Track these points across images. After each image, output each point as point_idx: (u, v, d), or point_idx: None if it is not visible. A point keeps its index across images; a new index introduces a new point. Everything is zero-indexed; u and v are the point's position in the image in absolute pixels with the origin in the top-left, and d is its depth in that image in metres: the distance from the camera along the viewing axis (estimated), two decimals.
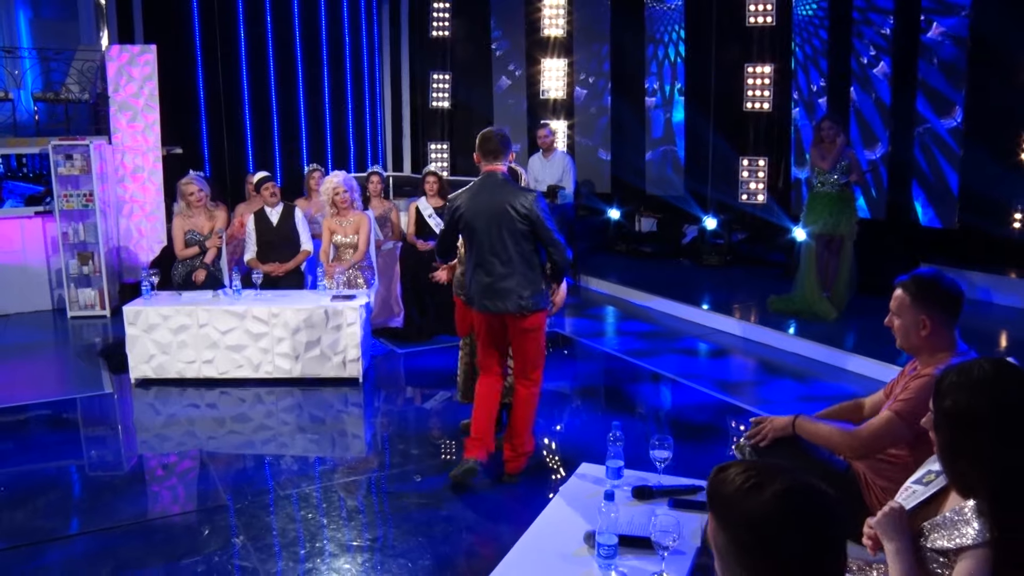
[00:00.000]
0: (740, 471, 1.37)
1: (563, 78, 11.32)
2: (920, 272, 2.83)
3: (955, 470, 1.92)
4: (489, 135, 4.28)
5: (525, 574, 2.47)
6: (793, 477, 1.34)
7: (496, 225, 4.14)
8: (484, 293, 4.21)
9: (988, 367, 1.97)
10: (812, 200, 7.30)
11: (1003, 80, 7.82)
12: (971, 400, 1.89)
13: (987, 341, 6.71)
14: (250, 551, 3.73)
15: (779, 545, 1.31)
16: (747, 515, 1.32)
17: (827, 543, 1.32)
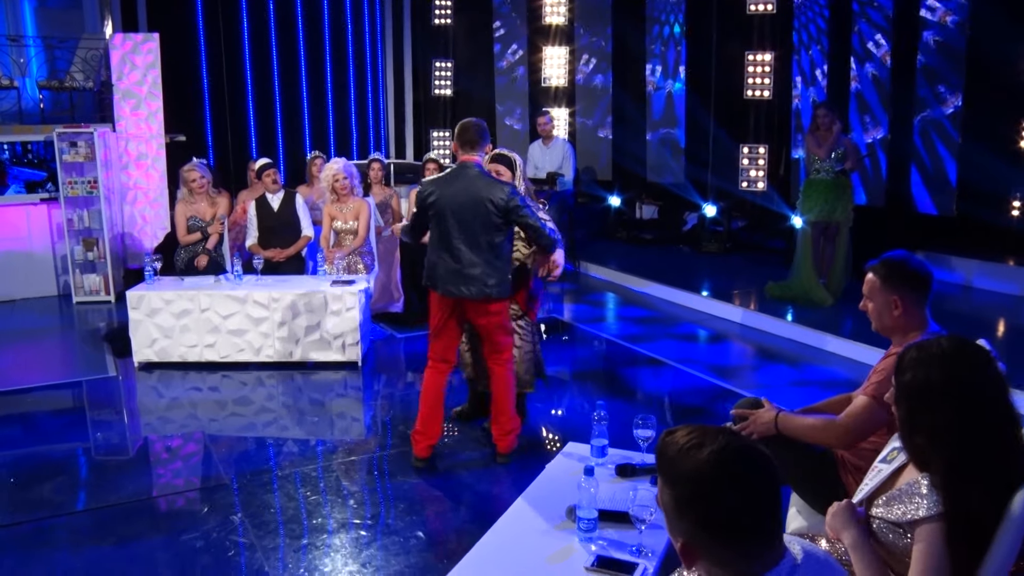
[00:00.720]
0: (685, 433, 1.45)
1: (564, 66, 11.36)
2: (889, 255, 2.90)
3: (913, 443, 2.00)
4: (468, 125, 4.35)
5: (507, 546, 2.56)
6: (732, 438, 1.43)
7: (469, 214, 4.20)
8: (449, 278, 4.27)
9: (947, 344, 2.05)
10: (808, 187, 7.36)
11: (1002, 68, 7.84)
12: (929, 374, 1.96)
13: (980, 327, 6.76)
14: (248, 528, 3.84)
15: (716, 499, 1.40)
16: (687, 472, 1.41)
17: (761, 497, 1.40)
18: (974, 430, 1.90)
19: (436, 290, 4.36)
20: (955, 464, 1.89)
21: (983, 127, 8.17)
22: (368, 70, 11.88)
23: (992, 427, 1.92)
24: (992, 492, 1.86)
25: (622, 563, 2.43)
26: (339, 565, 3.52)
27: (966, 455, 1.89)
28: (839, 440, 2.83)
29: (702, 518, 1.40)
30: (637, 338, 6.94)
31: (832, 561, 1.50)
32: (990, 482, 1.87)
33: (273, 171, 7.06)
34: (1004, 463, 1.90)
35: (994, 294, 7.81)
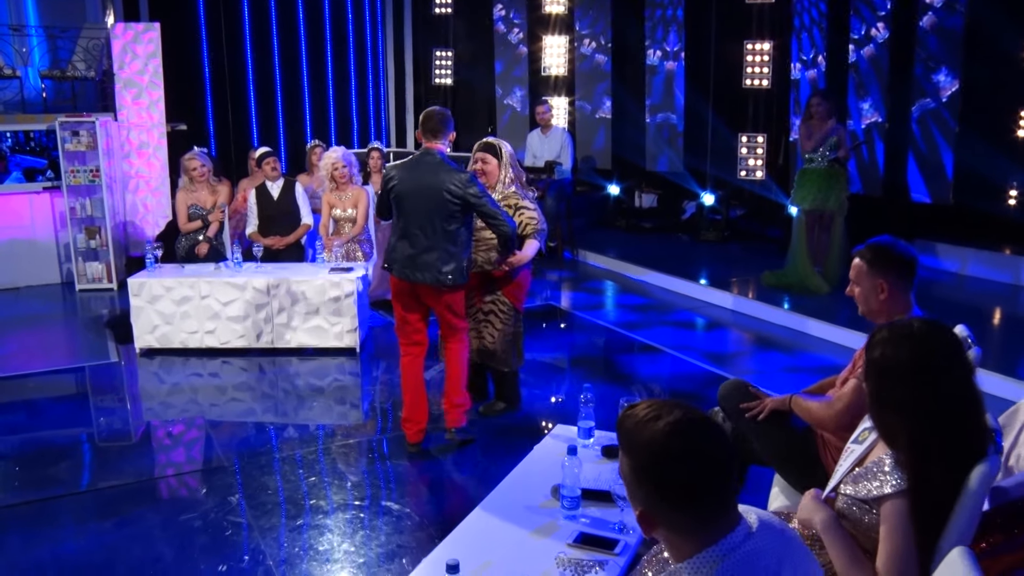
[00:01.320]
0: (645, 407, 1.53)
1: (564, 55, 11.39)
2: (875, 240, 2.97)
3: (881, 419, 2.07)
4: (431, 114, 4.43)
5: (493, 523, 2.64)
6: (688, 411, 1.50)
7: (426, 201, 4.26)
8: (405, 263, 4.34)
9: (918, 324, 2.12)
10: (801, 176, 7.41)
11: (1000, 56, 7.87)
12: (896, 352, 2.03)
13: (973, 315, 6.83)
14: (245, 508, 3.93)
15: (671, 468, 1.47)
16: (644, 443, 1.48)
17: (714, 466, 1.47)
18: (937, 409, 1.97)
19: (393, 273, 4.43)
20: (918, 440, 1.96)
21: (980, 116, 8.20)
22: (369, 59, 11.93)
23: (955, 407, 1.99)
24: (953, 469, 1.93)
25: (603, 539, 2.50)
26: (333, 544, 3.61)
27: (929, 432, 1.96)
28: (835, 423, 2.87)
29: (658, 486, 1.48)
30: (633, 325, 7.02)
31: (788, 529, 1.57)
32: (951, 459, 1.94)
33: (273, 159, 7.13)
34: (965, 442, 1.97)
35: (990, 282, 7.86)
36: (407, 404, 4.53)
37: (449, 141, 4.48)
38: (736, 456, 1.51)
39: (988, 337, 6.38)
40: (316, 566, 3.44)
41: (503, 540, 2.51)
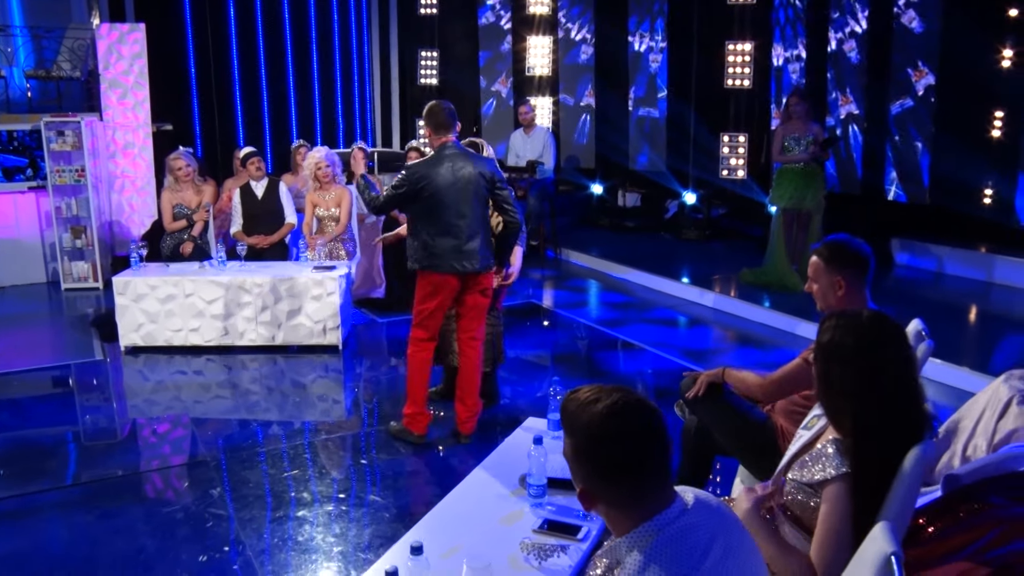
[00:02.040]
0: (587, 391, 1.63)
1: (548, 55, 11.49)
2: (831, 238, 3.08)
3: (828, 403, 2.18)
4: (437, 108, 4.42)
5: (462, 510, 2.73)
6: (626, 395, 1.60)
7: (463, 191, 4.34)
8: (452, 256, 4.36)
9: (866, 314, 2.23)
10: (779, 176, 7.53)
11: (974, 58, 8.01)
12: (843, 337, 2.14)
13: (947, 311, 6.97)
14: (226, 501, 4.01)
15: (608, 447, 1.57)
16: (583, 424, 1.58)
17: (648, 446, 1.57)
18: (878, 393, 2.07)
19: (439, 270, 4.39)
20: (861, 423, 2.07)
21: (956, 116, 8.34)
22: (354, 60, 12.00)
23: (894, 393, 2.09)
24: (892, 452, 2.03)
25: (567, 525, 2.60)
26: (310, 534, 3.70)
27: (871, 416, 2.07)
28: (765, 392, 3.11)
29: (596, 464, 1.58)
30: (613, 323, 7.12)
31: (724, 508, 1.67)
32: (891, 443, 2.04)
33: (257, 159, 7.20)
34: (905, 427, 2.07)
35: (965, 280, 8.00)
36: (418, 399, 4.58)
37: (457, 132, 4.51)
38: (669, 436, 1.61)
39: (957, 332, 6.50)
40: (295, 556, 3.53)
41: (471, 526, 2.61)
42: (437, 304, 4.48)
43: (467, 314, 4.60)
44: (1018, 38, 7.85)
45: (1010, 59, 7.90)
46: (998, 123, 8.10)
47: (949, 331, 6.46)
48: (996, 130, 8.12)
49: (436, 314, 4.51)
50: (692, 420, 3.46)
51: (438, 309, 4.51)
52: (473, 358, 4.63)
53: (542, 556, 2.42)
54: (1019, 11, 7.81)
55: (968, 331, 6.73)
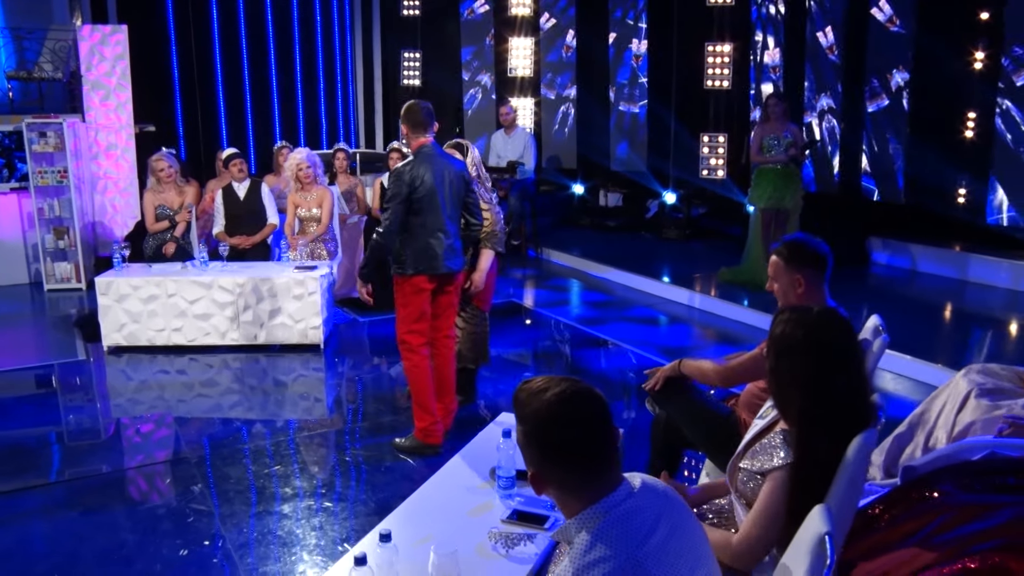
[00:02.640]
0: (538, 381, 1.72)
1: (530, 56, 11.59)
2: (790, 237, 3.19)
3: (778, 393, 2.29)
4: (415, 107, 4.42)
5: (433, 502, 2.81)
6: (574, 384, 1.69)
7: (450, 191, 4.40)
8: (445, 255, 4.39)
9: (818, 310, 2.33)
10: (758, 176, 7.65)
11: (947, 60, 8.16)
12: (793, 331, 2.24)
13: (920, 309, 7.11)
14: (207, 496, 4.09)
15: (555, 433, 1.66)
16: (533, 411, 1.67)
17: (594, 431, 1.67)
18: (825, 385, 2.17)
19: (433, 271, 4.39)
20: (808, 413, 2.17)
21: (930, 117, 8.50)
22: (337, 61, 12.06)
23: (841, 385, 2.19)
24: (837, 442, 2.13)
25: (535, 515, 2.68)
26: (290, 528, 3.77)
27: (816, 406, 2.17)
28: (723, 379, 3.26)
29: (546, 449, 1.67)
30: (592, 321, 7.22)
31: (670, 492, 1.77)
32: (836, 433, 2.14)
33: (239, 161, 7.26)
34: (850, 418, 2.17)
35: (940, 278, 8.15)
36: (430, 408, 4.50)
37: (434, 132, 4.52)
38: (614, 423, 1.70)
39: (929, 328, 6.63)
40: (274, 549, 3.61)
41: (441, 517, 2.69)
42: (423, 306, 4.48)
43: (442, 313, 4.64)
44: (989, 41, 8.01)
45: (981, 61, 8.06)
46: (971, 124, 8.26)
47: (921, 327, 6.60)
48: (969, 131, 8.27)
49: (424, 316, 4.51)
50: (661, 414, 3.56)
51: (424, 311, 4.50)
52: (449, 356, 4.70)
53: (509, 545, 2.50)
54: (990, 14, 7.97)
55: (939, 327, 6.86)
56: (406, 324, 4.49)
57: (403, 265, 4.40)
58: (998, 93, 7.95)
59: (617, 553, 1.56)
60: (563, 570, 1.57)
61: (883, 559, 2.61)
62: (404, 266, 4.40)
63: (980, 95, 8.09)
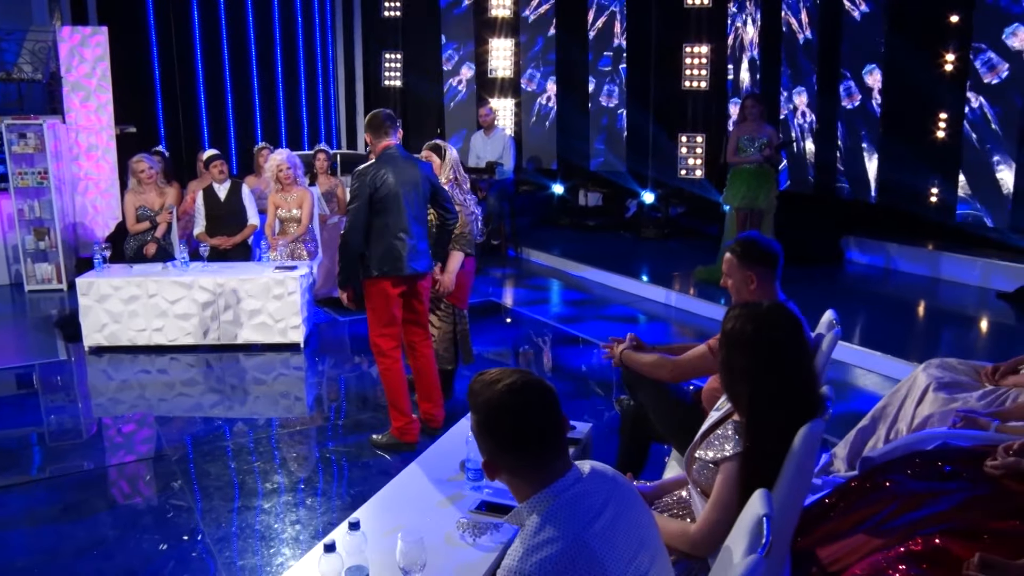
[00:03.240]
0: (491, 373, 1.82)
1: (510, 57, 11.69)
2: (742, 236, 3.31)
3: (728, 386, 2.40)
4: (376, 115, 4.53)
5: (404, 494, 2.91)
6: (524, 376, 1.79)
7: (413, 193, 4.47)
8: (409, 256, 4.46)
9: (768, 306, 2.44)
10: (733, 176, 7.78)
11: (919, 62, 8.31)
12: (743, 326, 2.35)
13: (891, 306, 7.25)
14: (186, 492, 4.16)
15: (506, 422, 1.77)
16: (485, 402, 1.78)
17: (542, 420, 1.77)
18: (773, 376, 2.29)
19: (399, 273, 4.45)
20: (756, 404, 2.28)
21: (902, 119, 8.65)
22: (318, 62, 12.12)
23: (788, 378, 2.30)
24: (785, 432, 2.24)
25: (503, 506, 2.78)
26: (267, 523, 3.86)
27: (765, 397, 2.28)
28: (670, 374, 3.35)
29: (497, 437, 1.77)
30: (568, 319, 7.34)
31: (620, 478, 1.87)
32: (784, 422, 2.25)
33: (220, 162, 7.32)
34: (797, 408, 2.28)
35: (912, 276, 8.31)
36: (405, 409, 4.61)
37: (398, 136, 4.61)
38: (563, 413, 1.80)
39: (899, 325, 6.77)
40: (252, 543, 3.69)
41: (412, 508, 2.79)
42: (392, 310, 4.54)
43: (415, 317, 4.71)
44: (959, 43, 8.17)
45: (951, 63, 8.23)
46: (941, 124, 8.42)
47: (892, 324, 6.75)
48: (940, 131, 8.43)
49: (395, 320, 4.58)
50: (630, 408, 3.67)
51: (395, 315, 4.56)
52: (429, 358, 4.78)
53: (476, 533, 2.60)
54: (959, 18, 8.13)
55: (909, 324, 7.00)
56: (377, 328, 4.56)
57: (368, 268, 4.47)
58: (967, 94, 8.11)
59: (565, 534, 1.66)
60: (514, 550, 1.66)
61: (836, 546, 2.73)
62: (369, 268, 4.47)
63: (950, 96, 8.25)
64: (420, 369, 4.79)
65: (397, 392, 4.60)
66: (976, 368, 4.04)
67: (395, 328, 4.58)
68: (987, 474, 2.84)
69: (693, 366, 3.28)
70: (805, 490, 2.41)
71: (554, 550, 1.63)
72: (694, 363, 3.26)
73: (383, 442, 4.66)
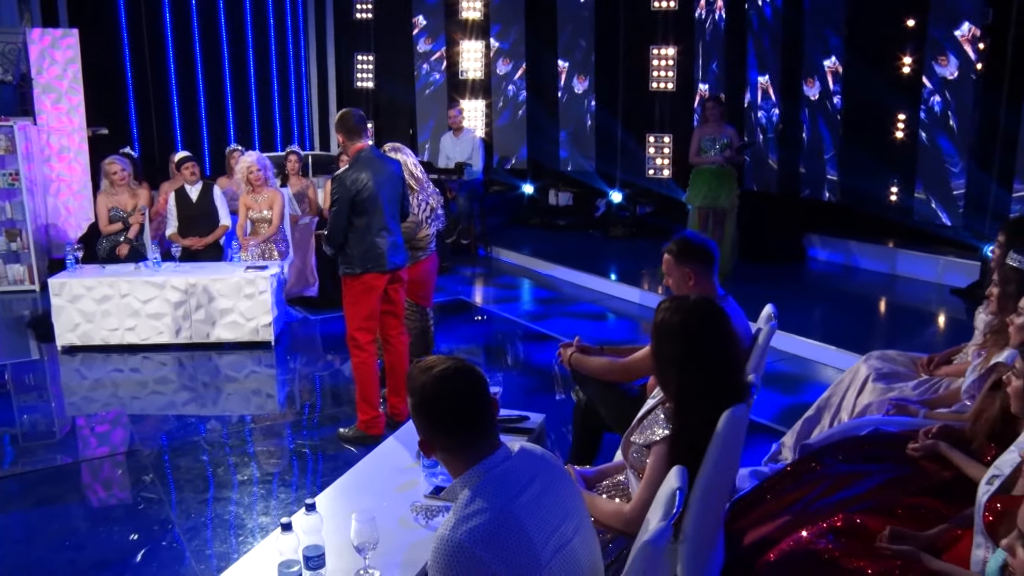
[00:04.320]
0: (428, 360, 1.98)
1: (481, 59, 11.84)
2: (678, 236, 3.50)
3: (659, 374, 2.58)
4: (347, 115, 4.67)
5: (362, 481, 3.06)
6: (457, 363, 1.95)
7: (391, 192, 4.67)
8: (390, 252, 4.65)
9: (695, 299, 2.62)
10: (694, 176, 7.99)
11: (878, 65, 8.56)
12: (671, 318, 2.54)
13: (848, 301, 7.48)
14: (157, 485, 4.29)
15: (438, 404, 1.93)
16: (420, 386, 1.94)
17: (470, 403, 1.93)
18: (698, 364, 2.47)
19: (382, 269, 4.63)
20: (682, 390, 2.46)
21: (862, 120, 8.90)
22: (291, 64, 12.22)
23: (713, 366, 2.48)
24: (709, 417, 2.42)
25: None
26: (236, 513, 4.00)
27: (691, 383, 2.46)
28: (620, 376, 3.52)
29: (431, 418, 1.94)
30: (535, 316, 7.51)
31: (548, 456, 2.04)
32: (708, 408, 2.42)
33: (191, 164, 7.42)
34: (720, 394, 2.46)
35: (872, 272, 8.55)
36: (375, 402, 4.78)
37: (370, 136, 4.80)
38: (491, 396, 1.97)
39: (854, 320, 6.99)
40: (220, 531, 3.83)
41: (369, 493, 2.94)
42: (373, 303, 4.71)
43: (392, 309, 4.90)
44: (915, 46, 8.42)
45: (910, 65, 8.47)
46: (900, 126, 8.67)
47: (848, 319, 6.98)
48: (899, 131, 8.68)
49: (374, 314, 4.74)
50: (582, 400, 3.84)
51: (374, 308, 4.73)
52: (403, 352, 4.94)
53: (429, 516, 2.76)
54: (915, 22, 8.39)
55: (866, 319, 7.22)
56: (356, 322, 4.72)
57: (351, 265, 4.63)
58: (922, 97, 8.36)
59: (493, 506, 1.82)
60: (447, 521, 1.83)
61: (768, 526, 2.92)
62: (353, 266, 4.63)
63: (907, 99, 8.50)
64: (393, 363, 4.94)
65: (368, 386, 4.77)
66: (913, 359, 4.26)
67: (373, 323, 4.77)
68: (909, 456, 3.04)
69: (641, 365, 3.43)
70: (733, 471, 2.59)
71: (482, 520, 1.79)
72: (643, 362, 3.41)
73: (350, 435, 4.80)
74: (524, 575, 1.77)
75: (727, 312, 2.63)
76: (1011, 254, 3.45)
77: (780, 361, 6.15)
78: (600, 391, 3.65)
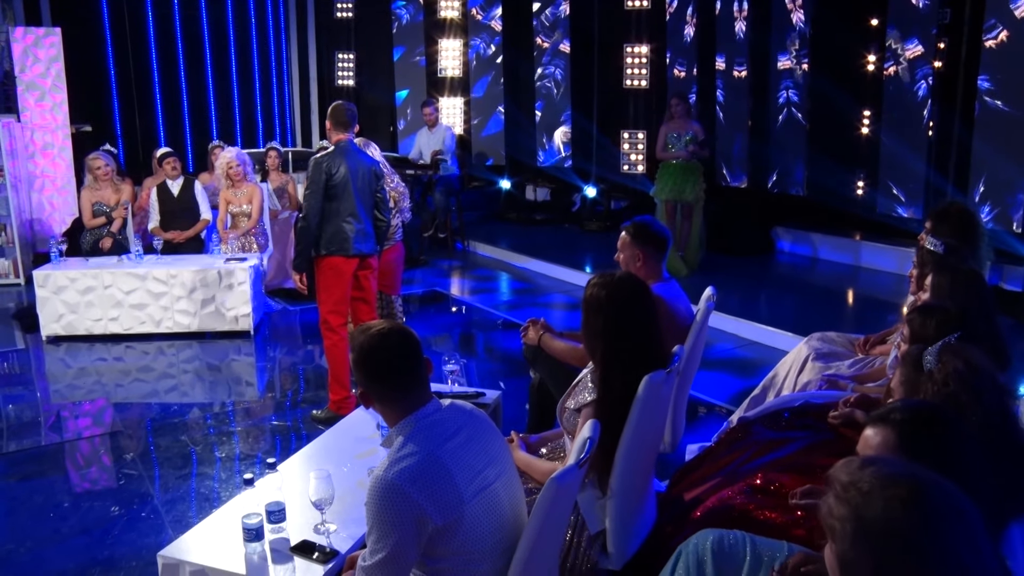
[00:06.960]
0: (369, 323, 2.23)
1: (459, 57, 12.07)
2: (638, 218, 3.75)
3: (587, 343, 2.83)
4: (340, 108, 5.00)
5: (324, 451, 3.31)
6: (392, 324, 2.21)
7: (363, 183, 4.94)
8: (357, 239, 4.92)
9: (619, 275, 2.88)
10: (661, 171, 8.26)
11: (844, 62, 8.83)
12: (598, 292, 2.79)
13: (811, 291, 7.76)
14: (138, 463, 4.52)
15: (372, 359, 2.18)
16: (359, 344, 2.19)
17: (403, 359, 2.18)
18: (620, 335, 2.72)
19: (346, 254, 4.91)
20: (606, 357, 2.71)
21: (829, 115, 9.16)
22: (272, 61, 12.42)
23: (634, 336, 2.74)
24: (631, 380, 2.67)
25: None
26: (212, 487, 4.23)
27: (615, 352, 2.71)
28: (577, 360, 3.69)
29: (367, 372, 2.19)
30: (508, 306, 7.77)
31: (477, 412, 2.29)
32: (629, 373, 2.68)
33: (173, 159, 7.63)
34: (641, 361, 2.71)
35: (837, 264, 8.83)
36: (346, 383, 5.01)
37: (355, 132, 5.07)
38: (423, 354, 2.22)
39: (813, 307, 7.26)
40: (197, 504, 4.06)
41: (331, 460, 3.19)
42: (344, 287, 4.99)
43: (364, 295, 5.15)
44: (877, 45, 8.70)
45: (873, 63, 8.76)
46: (866, 122, 8.95)
47: (809, 308, 7.25)
48: (864, 127, 8.96)
49: (345, 298, 5.02)
50: (536, 377, 4.09)
51: (345, 292, 5.01)
52: None
53: None
54: (879, 21, 8.67)
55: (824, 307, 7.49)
56: (328, 305, 5.00)
57: (319, 247, 4.93)
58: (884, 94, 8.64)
59: (422, 450, 2.08)
60: (382, 464, 2.08)
61: (701, 488, 3.18)
62: (319, 247, 4.92)
63: (870, 97, 8.78)
64: None
65: (340, 367, 5.03)
66: (852, 340, 4.54)
67: (344, 307, 5.03)
68: (830, 424, 3.31)
69: None
70: (657, 433, 2.84)
71: (412, 462, 2.05)
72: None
73: (322, 416, 5.04)
74: (447, 510, 2.02)
75: (655, 290, 2.89)
76: (928, 238, 3.72)
77: (740, 348, 6.42)
78: (550, 370, 3.90)
